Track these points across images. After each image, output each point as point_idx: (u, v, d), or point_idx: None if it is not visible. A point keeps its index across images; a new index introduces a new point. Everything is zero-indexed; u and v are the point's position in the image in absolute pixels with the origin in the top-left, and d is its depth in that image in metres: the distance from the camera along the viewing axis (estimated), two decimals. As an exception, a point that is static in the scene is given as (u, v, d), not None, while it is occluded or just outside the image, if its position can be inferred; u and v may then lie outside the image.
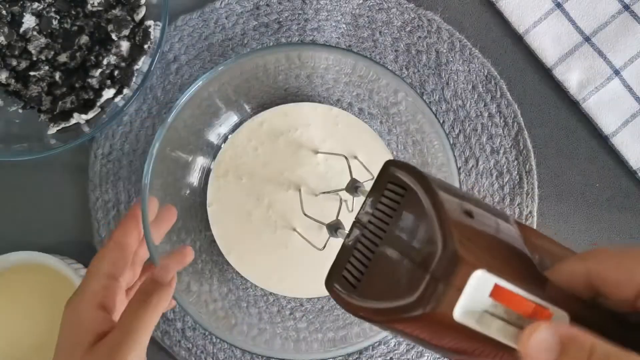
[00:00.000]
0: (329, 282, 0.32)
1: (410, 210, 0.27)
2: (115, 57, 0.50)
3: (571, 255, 0.26)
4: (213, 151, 0.51)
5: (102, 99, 0.50)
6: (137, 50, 0.50)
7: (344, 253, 0.32)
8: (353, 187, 0.44)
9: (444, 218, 0.25)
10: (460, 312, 0.24)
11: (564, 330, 0.23)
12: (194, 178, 0.51)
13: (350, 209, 0.47)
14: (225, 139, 0.52)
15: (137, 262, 0.45)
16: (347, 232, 0.33)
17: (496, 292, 0.24)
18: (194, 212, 0.51)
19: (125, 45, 0.50)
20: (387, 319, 0.26)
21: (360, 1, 0.54)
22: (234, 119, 0.51)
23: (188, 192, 0.50)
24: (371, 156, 0.51)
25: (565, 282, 0.25)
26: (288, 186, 0.50)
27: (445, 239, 0.24)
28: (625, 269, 0.23)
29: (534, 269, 0.25)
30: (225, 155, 0.51)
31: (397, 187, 0.29)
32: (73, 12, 0.51)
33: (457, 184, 0.45)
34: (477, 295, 0.24)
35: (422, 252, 0.25)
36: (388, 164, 0.30)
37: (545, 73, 0.54)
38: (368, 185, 0.34)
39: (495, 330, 0.24)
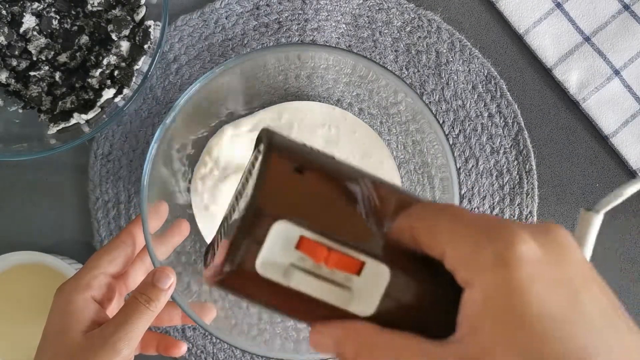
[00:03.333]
0: (204, 256, 0.31)
1: (254, 172, 0.27)
2: (115, 57, 0.50)
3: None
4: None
5: (102, 99, 0.50)
6: (137, 50, 0.50)
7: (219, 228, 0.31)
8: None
9: (260, 174, 0.25)
10: (262, 265, 0.24)
11: (337, 332, 0.24)
12: (195, 177, 0.51)
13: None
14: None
15: (143, 267, 0.45)
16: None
17: (302, 244, 0.24)
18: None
19: (125, 45, 0.50)
20: (215, 281, 0.25)
21: (360, 1, 0.54)
22: (233, 119, 0.51)
23: (187, 191, 0.50)
24: (372, 157, 0.51)
25: (396, 238, 0.25)
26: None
27: (254, 194, 0.24)
28: (431, 231, 0.23)
29: (361, 224, 0.25)
30: (225, 155, 0.51)
31: (258, 153, 0.28)
32: (73, 12, 0.51)
33: (456, 184, 0.45)
34: (281, 247, 0.24)
35: (242, 210, 0.25)
36: (259, 133, 0.29)
37: (545, 73, 0.54)
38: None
39: (299, 283, 0.24)
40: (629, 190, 0.28)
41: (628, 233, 0.54)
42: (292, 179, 0.25)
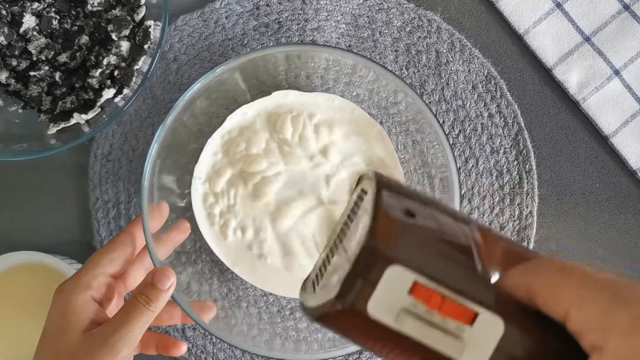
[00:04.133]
0: (301, 289, 0.32)
1: (362, 212, 0.27)
2: (115, 57, 0.50)
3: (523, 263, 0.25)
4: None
5: (102, 99, 0.50)
6: (137, 50, 0.50)
7: (320, 260, 0.32)
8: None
9: (376, 215, 0.25)
10: (374, 307, 0.24)
11: None
12: (194, 177, 0.51)
13: None
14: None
15: (142, 267, 0.45)
16: None
17: (415, 289, 0.24)
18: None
19: (125, 45, 0.50)
20: (318, 315, 0.25)
21: (360, 1, 0.54)
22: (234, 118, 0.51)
23: (188, 191, 0.50)
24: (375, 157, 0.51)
25: (510, 291, 0.24)
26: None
27: (369, 235, 0.24)
28: (554, 291, 0.23)
29: (473, 273, 0.25)
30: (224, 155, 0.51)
31: (363, 194, 0.29)
32: (73, 12, 0.51)
33: (456, 184, 0.45)
34: (393, 291, 0.24)
35: (354, 249, 0.25)
36: (362, 174, 0.30)
37: (545, 73, 0.54)
38: None
39: (411, 328, 0.24)
40: None
41: (628, 233, 0.54)
42: (404, 222, 0.25)
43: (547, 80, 0.54)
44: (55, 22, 0.50)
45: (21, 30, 0.50)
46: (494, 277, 0.25)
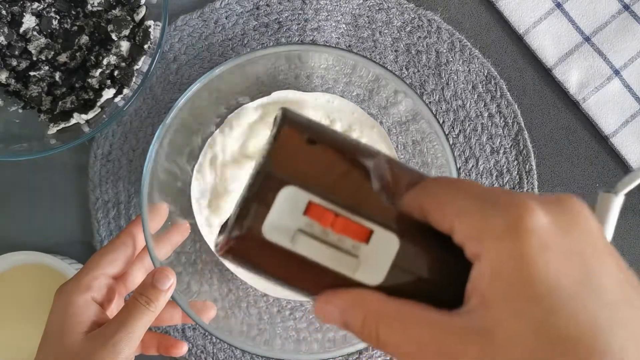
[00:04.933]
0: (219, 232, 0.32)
1: (266, 144, 0.27)
2: (115, 57, 0.50)
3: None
4: (213, 151, 0.51)
5: (102, 99, 0.50)
6: (137, 50, 0.50)
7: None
8: None
9: (274, 141, 0.25)
10: (269, 229, 0.24)
11: (344, 300, 0.24)
12: (194, 177, 0.51)
13: None
14: (225, 139, 0.52)
15: (142, 268, 0.45)
16: None
17: (310, 209, 0.24)
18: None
19: (125, 45, 0.50)
20: (224, 249, 0.25)
21: (360, 1, 0.54)
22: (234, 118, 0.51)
23: (188, 191, 0.50)
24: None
25: (407, 211, 0.25)
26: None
27: (265, 160, 0.25)
28: (440, 206, 0.23)
29: (370, 193, 0.25)
30: (224, 152, 0.51)
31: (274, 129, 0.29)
32: (73, 12, 0.51)
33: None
34: (288, 212, 0.24)
35: (252, 175, 0.25)
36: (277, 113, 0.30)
37: (545, 73, 0.54)
38: None
39: (306, 249, 0.24)
40: None
41: (628, 233, 0.54)
42: (304, 149, 0.25)
43: (547, 80, 0.54)
44: (55, 22, 0.50)
45: (21, 30, 0.50)
46: (396, 200, 0.25)
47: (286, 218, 0.24)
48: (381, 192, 0.25)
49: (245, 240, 0.25)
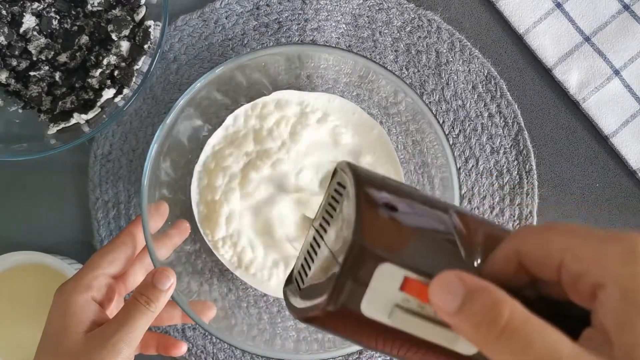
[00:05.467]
0: (285, 287, 0.32)
1: (343, 208, 0.27)
2: (115, 57, 0.50)
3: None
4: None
5: (102, 99, 0.50)
6: (137, 50, 0.50)
7: (301, 257, 0.32)
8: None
9: (359, 211, 0.25)
10: (367, 306, 0.24)
11: (473, 280, 0.22)
12: (194, 178, 0.51)
13: None
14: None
15: (142, 267, 0.45)
16: None
17: (407, 285, 0.24)
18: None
19: (125, 45, 0.50)
20: (309, 317, 0.25)
21: (360, 1, 0.54)
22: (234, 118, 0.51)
23: (188, 191, 0.50)
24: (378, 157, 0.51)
25: (499, 269, 0.24)
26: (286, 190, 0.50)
27: (355, 232, 0.24)
28: (544, 246, 0.23)
29: (459, 261, 0.25)
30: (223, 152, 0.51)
31: (340, 187, 0.29)
32: (73, 12, 0.51)
33: (456, 184, 0.45)
34: (385, 288, 0.24)
35: (341, 248, 0.25)
36: (337, 166, 0.30)
37: (545, 73, 0.54)
38: None
39: (405, 323, 0.24)
40: None
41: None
42: (388, 217, 0.25)
43: (547, 80, 0.54)
44: (55, 22, 0.50)
45: (21, 30, 0.50)
46: (478, 261, 0.25)
47: (383, 294, 0.24)
48: (465, 254, 0.25)
49: (341, 315, 0.25)
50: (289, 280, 0.32)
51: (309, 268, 0.29)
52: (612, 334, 0.21)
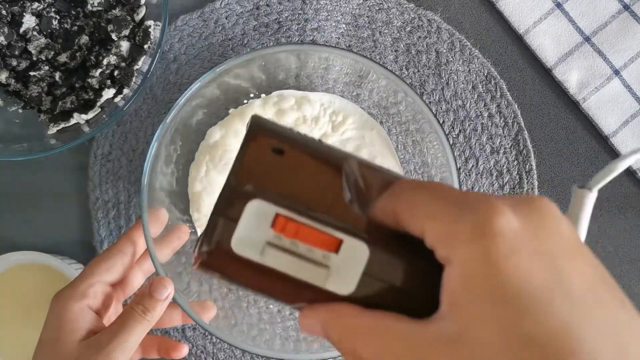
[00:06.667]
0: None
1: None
2: (115, 57, 0.50)
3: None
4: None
5: (102, 99, 0.50)
6: (137, 50, 0.50)
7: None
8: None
9: (239, 155, 0.25)
10: (238, 243, 0.24)
11: (322, 315, 0.24)
12: (192, 178, 0.51)
13: None
14: (225, 139, 0.51)
15: (140, 273, 0.45)
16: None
17: (277, 222, 0.24)
18: (194, 212, 0.51)
19: (125, 45, 0.50)
20: (197, 263, 0.25)
21: (360, 1, 0.54)
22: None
23: (187, 192, 0.50)
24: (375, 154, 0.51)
25: (379, 217, 0.24)
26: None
27: (231, 174, 0.25)
28: (411, 209, 0.23)
29: (339, 202, 0.25)
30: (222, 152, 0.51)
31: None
32: (73, 12, 0.51)
33: (456, 184, 0.45)
34: (256, 226, 0.24)
35: (221, 190, 0.25)
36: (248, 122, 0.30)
37: (545, 73, 0.54)
38: None
39: (276, 261, 0.24)
40: (621, 165, 0.27)
41: (628, 233, 0.54)
42: (271, 159, 0.25)
43: (547, 80, 0.54)
44: (55, 22, 0.50)
45: (21, 30, 0.50)
46: (367, 206, 0.25)
47: (254, 231, 0.24)
48: (352, 199, 0.25)
49: (215, 255, 0.25)
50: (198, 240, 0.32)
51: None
52: (445, 313, 0.21)
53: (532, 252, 0.20)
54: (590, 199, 0.26)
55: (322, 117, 0.51)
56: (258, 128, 0.26)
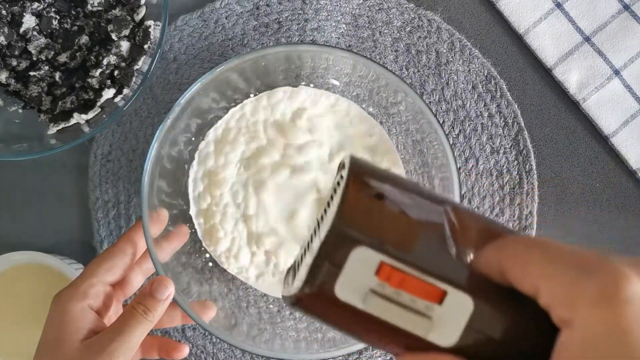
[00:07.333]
0: (284, 277, 0.32)
1: (335, 198, 0.27)
2: (115, 57, 0.50)
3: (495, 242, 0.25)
4: (213, 151, 0.51)
5: (102, 99, 0.50)
6: (137, 50, 0.50)
7: (301, 248, 0.32)
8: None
9: (344, 198, 0.25)
10: (341, 289, 0.24)
11: None
12: (190, 179, 0.51)
13: None
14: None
15: (140, 273, 0.45)
16: None
17: (382, 270, 0.24)
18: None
19: (125, 45, 0.50)
20: (292, 301, 0.26)
21: (360, 1, 0.54)
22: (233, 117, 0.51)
23: (187, 191, 0.50)
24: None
25: (483, 270, 0.24)
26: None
27: (336, 218, 0.24)
28: (523, 267, 0.22)
29: (442, 252, 0.24)
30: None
31: (341, 179, 0.29)
32: (73, 12, 0.51)
33: (456, 184, 0.45)
34: (360, 272, 0.24)
35: (323, 233, 0.25)
36: (342, 160, 0.30)
37: (545, 73, 0.54)
38: None
39: (378, 309, 0.24)
40: None
41: (628, 233, 0.54)
42: (373, 204, 0.25)
43: (547, 80, 0.54)
44: (55, 22, 0.50)
45: (21, 30, 0.50)
46: (469, 257, 0.25)
47: (358, 278, 0.24)
48: (456, 248, 0.25)
49: (317, 298, 0.25)
50: (287, 274, 0.32)
51: (301, 257, 0.30)
52: None
53: None
54: None
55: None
56: (358, 170, 0.26)
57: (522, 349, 0.24)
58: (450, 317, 0.24)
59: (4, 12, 0.50)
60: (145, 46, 0.50)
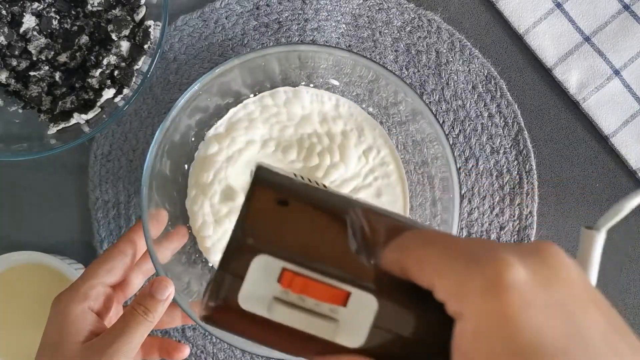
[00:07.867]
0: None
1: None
2: (115, 57, 0.50)
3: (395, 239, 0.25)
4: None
5: (102, 99, 0.50)
6: (137, 50, 0.50)
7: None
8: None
9: (243, 208, 0.25)
10: (245, 300, 0.24)
11: None
12: (190, 179, 0.51)
13: None
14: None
15: (141, 274, 0.45)
16: None
17: (284, 277, 0.24)
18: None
19: (125, 45, 0.50)
20: (203, 317, 0.25)
21: (360, 1, 0.54)
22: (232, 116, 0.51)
23: (186, 191, 0.50)
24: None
25: (387, 269, 0.24)
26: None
27: (235, 229, 0.24)
28: (419, 264, 0.23)
29: (345, 254, 0.24)
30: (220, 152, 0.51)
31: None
32: (73, 12, 0.51)
33: (456, 184, 0.45)
34: (262, 281, 0.24)
35: (226, 245, 0.25)
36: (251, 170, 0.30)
37: (545, 73, 0.54)
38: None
39: (283, 316, 0.24)
40: (629, 205, 0.27)
41: (628, 233, 0.54)
42: (275, 212, 0.25)
43: (547, 80, 0.54)
44: (55, 22, 0.50)
45: (21, 30, 0.50)
46: (374, 257, 0.25)
47: (261, 287, 0.24)
48: (359, 249, 0.24)
49: (223, 311, 0.24)
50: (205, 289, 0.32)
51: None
52: None
53: (545, 305, 0.20)
54: (599, 240, 0.26)
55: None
56: (261, 179, 0.26)
57: (429, 343, 0.24)
58: (356, 318, 0.24)
59: (4, 12, 0.50)
60: (145, 46, 0.50)
